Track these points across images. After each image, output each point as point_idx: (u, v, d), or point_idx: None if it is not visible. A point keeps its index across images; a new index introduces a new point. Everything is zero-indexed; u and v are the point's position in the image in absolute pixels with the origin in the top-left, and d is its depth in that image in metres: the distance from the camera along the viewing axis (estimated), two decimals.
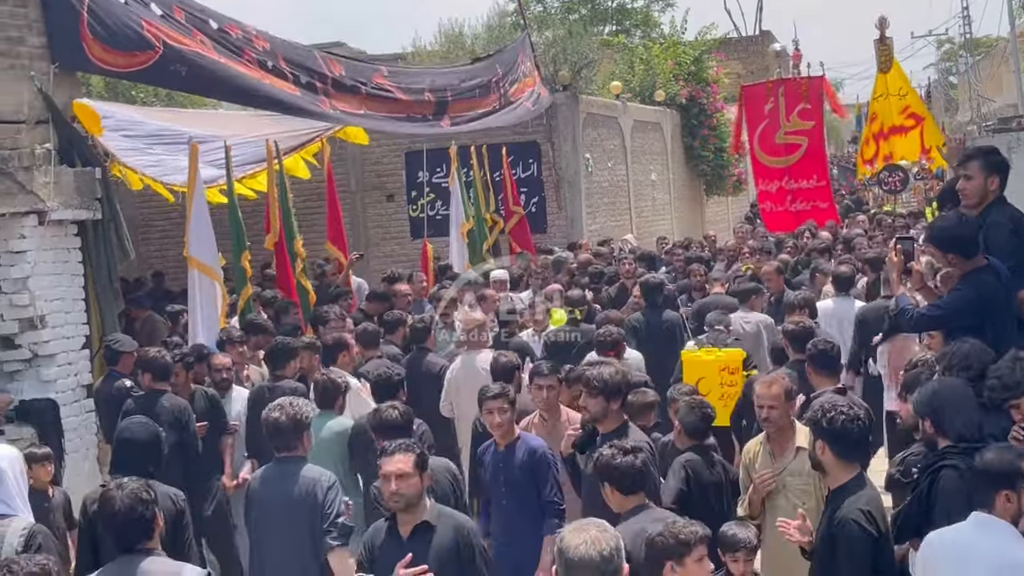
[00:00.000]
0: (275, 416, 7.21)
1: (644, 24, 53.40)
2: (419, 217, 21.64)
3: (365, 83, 15.43)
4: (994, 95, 51.27)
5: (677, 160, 30.45)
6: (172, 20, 12.08)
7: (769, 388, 7.37)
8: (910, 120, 22.44)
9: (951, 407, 5.92)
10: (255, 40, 13.44)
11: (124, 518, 5.57)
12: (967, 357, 6.46)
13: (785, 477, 7.19)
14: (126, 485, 5.67)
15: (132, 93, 23.74)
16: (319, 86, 14.39)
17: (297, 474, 7.15)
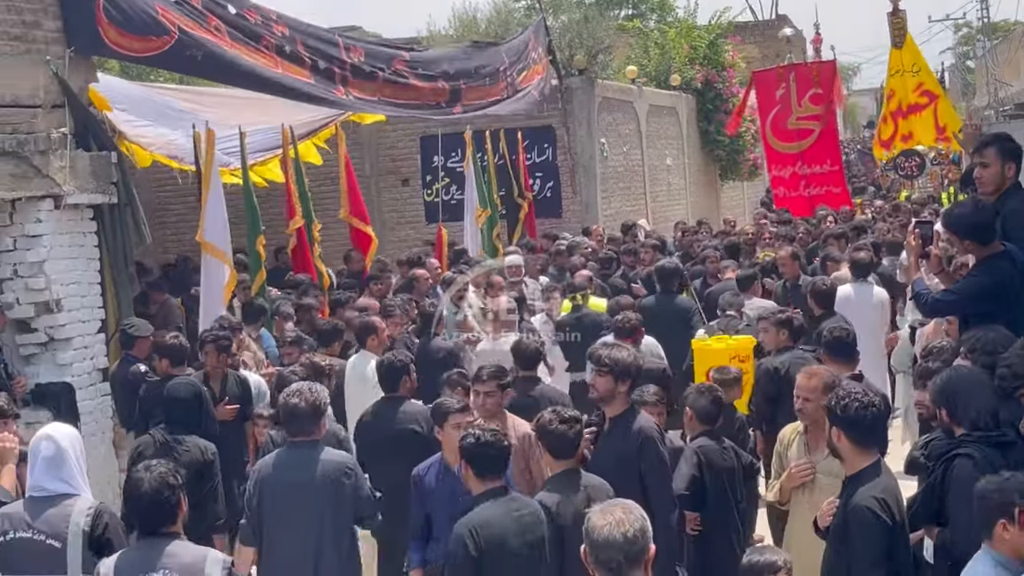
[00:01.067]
0: (294, 401, 7.23)
1: (660, 8, 53.27)
2: (434, 201, 21.65)
3: (384, 68, 15.41)
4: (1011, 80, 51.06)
5: (692, 145, 30.38)
6: (187, 6, 12.05)
7: (809, 380, 7.24)
8: (923, 98, 22.38)
9: (964, 395, 5.90)
10: (275, 25, 13.41)
11: (150, 500, 5.60)
12: (992, 342, 6.46)
13: (817, 473, 7.11)
14: (154, 468, 5.70)
15: (152, 78, 23.72)
16: (337, 72, 14.36)
17: (317, 458, 7.17)
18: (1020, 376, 5.96)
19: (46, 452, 6.20)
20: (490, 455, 6.29)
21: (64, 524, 6.05)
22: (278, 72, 13.31)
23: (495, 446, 6.30)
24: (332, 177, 18.08)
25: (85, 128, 11.58)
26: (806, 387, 7.17)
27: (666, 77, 29.06)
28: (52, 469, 6.17)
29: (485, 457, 6.27)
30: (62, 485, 6.16)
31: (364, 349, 10.43)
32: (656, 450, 7.29)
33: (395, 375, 8.80)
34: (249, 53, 12.79)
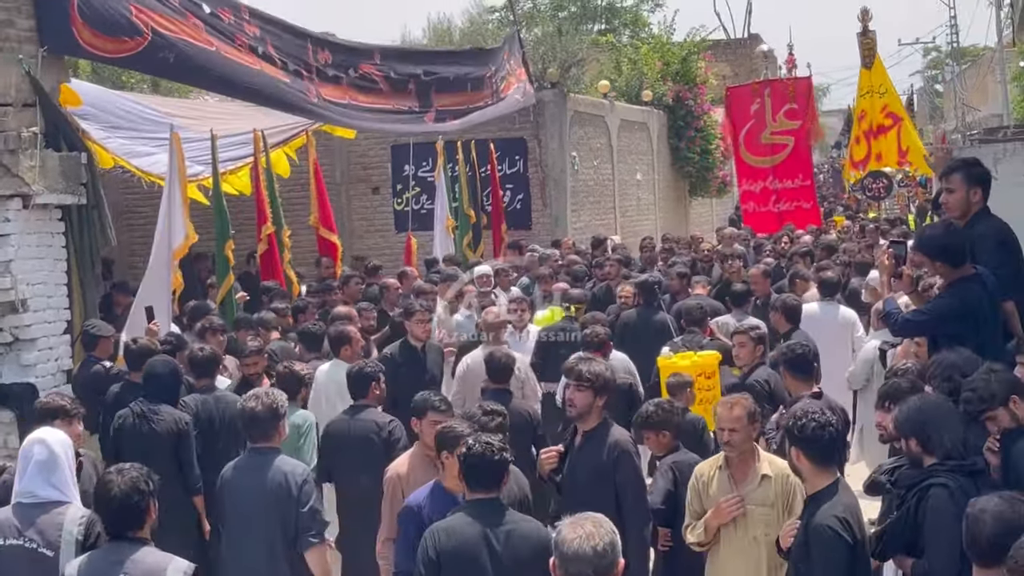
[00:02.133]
0: (251, 406, 7.20)
1: (633, 24, 53.49)
2: (404, 210, 21.64)
3: (348, 72, 15.40)
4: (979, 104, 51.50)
5: (663, 160, 30.47)
6: (166, 3, 12.00)
7: (730, 410, 6.92)
8: (888, 120, 22.64)
9: (937, 425, 5.85)
10: (246, 25, 13.39)
11: (119, 504, 5.56)
12: (950, 367, 6.49)
13: (747, 505, 6.81)
14: (127, 472, 5.65)
15: (122, 79, 23.62)
16: (304, 75, 14.39)
17: (271, 465, 7.12)
18: (986, 400, 5.98)
19: (39, 457, 6.12)
20: (482, 466, 6.07)
21: (56, 532, 5.98)
22: (256, 69, 13.25)
23: (487, 458, 6.07)
24: (302, 183, 18.03)
25: (56, 128, 11.52)
26: (729, 418, 6.88)
27: (638, 93, 29.13)
28: (44, 474, 6.10)
29: (477, 468, 6.08)
30: (54, 492, 6.10)
31: (338, 358, 10.37)
32: (632, 464, 7.26)
33: (363, 382, 8.77)
34: (228, 50, 12.75)
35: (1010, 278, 7.48)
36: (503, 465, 6.13)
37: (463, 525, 5.99)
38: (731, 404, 6.98)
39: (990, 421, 6.02)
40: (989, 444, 6.03)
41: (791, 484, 6.71)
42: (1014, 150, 9.04)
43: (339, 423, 8.78)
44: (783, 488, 6.77)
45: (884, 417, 7.03)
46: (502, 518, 6.02)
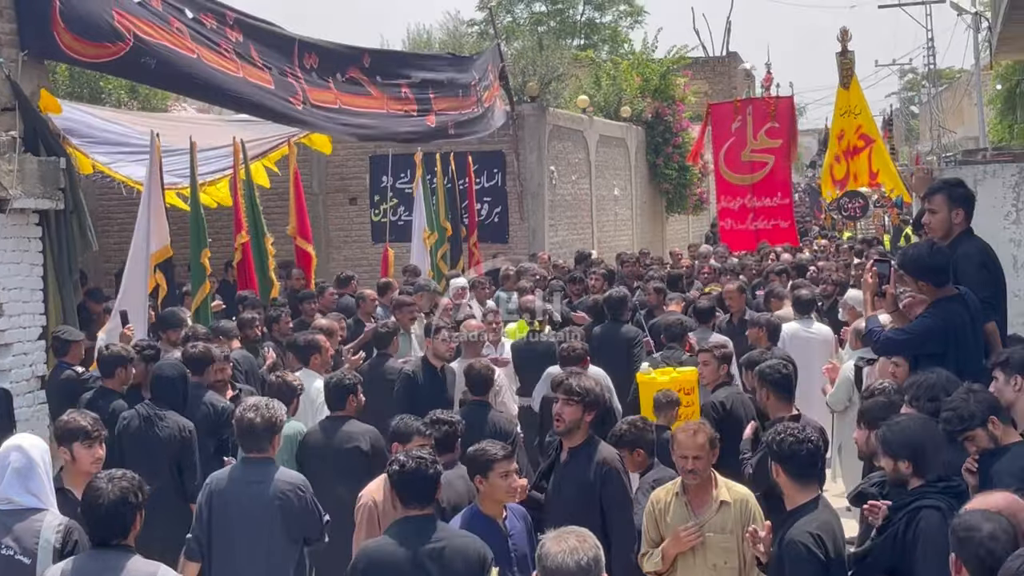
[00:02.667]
0: (250, 417, 7.15)
1: (612, 40, 53.75)
2: (381, 222, 21.61)
3: (336, 75, 15.35)
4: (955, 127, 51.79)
5: (640, 176, 30.56)
6: (148, 8, 11.95)
7: (693, 437, 6.76)
8: (861, 141, 22.79)
9: (931, 447, 5.83)
10: (228, 30, 13.35)
11: (107, 512, 5.51)
12: (933, 388, 6.50)
13: (706, 532, 6.67)
14: (117, 481, 5.60)
15: (100, 84, 23.52)
16: (291, 79, 14.34)
17: (270, 476, 7.08)
18: (965, 419, 5.99)
19: (16, 463, 6.08)
20: (416, 483, 6.04)
21: (34, 539, 5.94)
22: (238, 76, 13.20)
23: (420, 474, 6.04)
24: (280, 193, 18.02)
25: (35, 132, 11.46)
26: (693, 445, 6.72)
27: (617, 108, 29.23)
28: (22, 481, 6.06)
29: (410, 485, 6.04)
30: (31, 499, 6.05)
31: (307, 368, 10.32)
32: (620, 482, 7.23)
33: (341, 393, 8.72)
34: (211, 57, 12.70)
35: (991, 300, 7.52)
36: (436, 479, 6.12)
37: (392, 546, 5.94)
38: (694, 431, 6.83)
39: (969, 441, 6.02)
40: (968, 464, 6.04)
41: (750, 510, 6.68)
42: (993, 172, 9.08)
43: (316, 434, 8.74)
44: (742, 514, 6.68)
45: (862, 435, 7.03)
46: (435, 534, 5.99)
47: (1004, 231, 8.84)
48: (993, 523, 4.62)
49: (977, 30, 40.54)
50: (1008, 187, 8.95)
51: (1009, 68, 38.22)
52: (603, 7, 56.41)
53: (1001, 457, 5.92)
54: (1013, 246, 8.84)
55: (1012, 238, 8.86)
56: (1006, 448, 5.96)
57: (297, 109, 14.52)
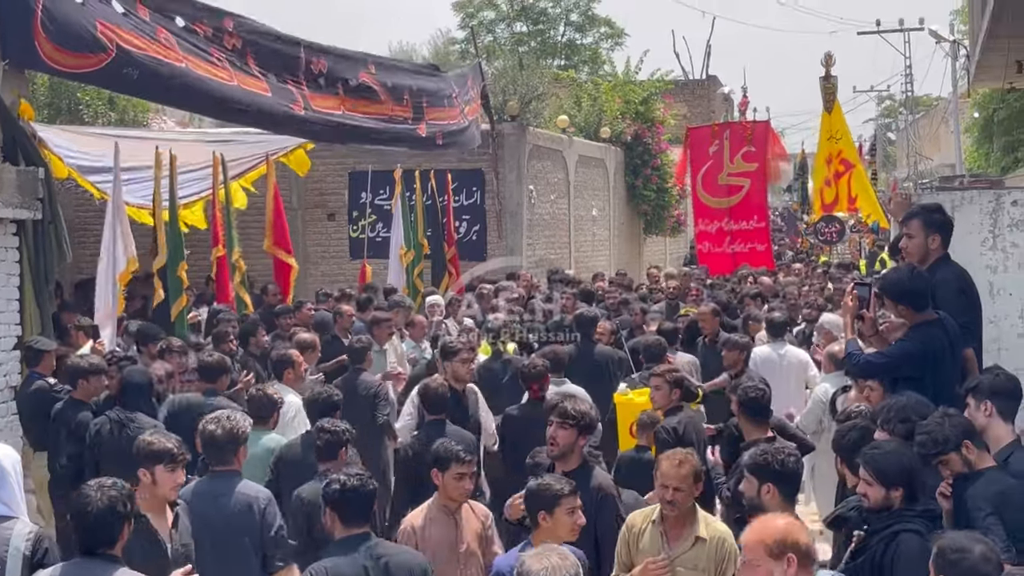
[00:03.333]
0: (211, 429, 7.16)
1: (592, 61, 53.95)
2: (359, 238, 21.60)
3: (347, 80, 15.28)
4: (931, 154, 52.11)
5: (619, 197, 30.64)
6: (134, 18, 11.87)
7: (678, 468, 6.49)
8: (841, 166, 22.94)
9: (919, 474, 5.87)
10: (226, 39, 13.25)
11: (95, 520, 5.48)
12: (904, 410, 6.52)
13: (676, 567, 6.44)
14: (106, 490, 5.55)
15: (78, 96, 23.44)
16: (292, 89, 14.24)
17: (233, 489, 7.08)
18: (939, 443, 6.02)
19: None
20: (357, 501, 6.03)
21: (3, 547, 5.90)
22: (233, 84, 13.11)
23: (361, 491, 6.04)
24: (259, 207, 18.00)
25: (14, 141, 11.42)
26: (676, 476, 6.47)
27: (596, 129, 29.32)
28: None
29: (352, 503, 6.02)
30: (1, 507, 6.02)
31: (280, 383, 10.27)
32: (615, 508, 7.19)
33: (326, 410, 8.63)
34: (200, 65, 12.63)
35: (970, 326, 7.56)
36: (374, 496, 6.14)
37: (344, 563, 5.94)
38: (679, 461, 6.56)
39: (942, 465, 6.05)
40: (942, 488, 6.07)
41: (726, 550, 6.51)
42: (970, 198, 9.13)
43: (295, 448, 8.67)
44: (717, 553, 6.51)
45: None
46: (378, 549, 6.03)
47: (981, 257, 8.88)
48: (983, 545, 4.65)
49: (955, 58, 40.85)
50: (985, 213, 9.00)
51: (986, 97, 38.48)
52: (584, 29, 56.70)
53: (975, 482, 5.96)
54: (989, 272, 8.89)
55: (988, 264, 8.91)
56: (980, 473, 6.00)
57: (298, 114, 14.38)
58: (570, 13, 56.84)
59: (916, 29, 53.38)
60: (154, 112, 26.14)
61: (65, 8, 11.26)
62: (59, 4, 11.21)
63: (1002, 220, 9.00)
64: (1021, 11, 16.43)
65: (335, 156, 21.92)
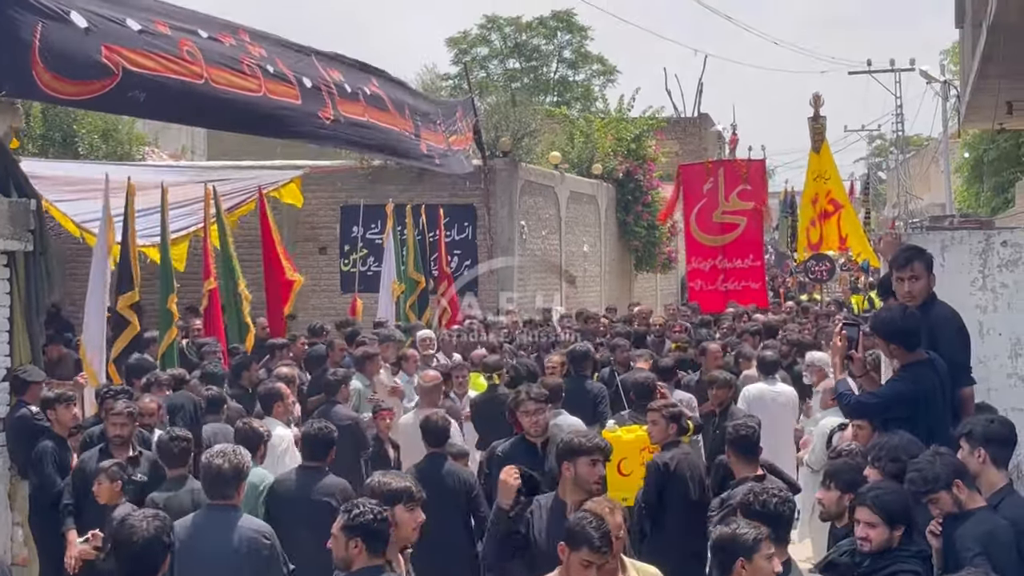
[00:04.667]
0: (218, 463, 7.08)
1: (585, 98, 54.22)
2: (351, 272, 21.62)
3: (363, 90, 15.28)
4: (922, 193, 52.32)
5: (610, 234, 30.71)
6: (151, 33, 11.73)
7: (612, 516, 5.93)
8: (831, 206, 23.03)
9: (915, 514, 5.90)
10: (249, 47, 13.19)
11: (141, 550, 5.52)
12: (895, 449, 6.54)
13: None
14: (152, 520, 5.60)
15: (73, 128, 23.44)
16: (323, 90, 14.14)
17: (235, 524, 7.02)
18: (930, 481, 6.04)
19: None
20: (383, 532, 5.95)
21: None
22: (260, 95, 13.00)
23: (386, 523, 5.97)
24: (251, 240, 18.03)
25: (6, 172, 11.37)
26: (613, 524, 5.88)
27: (589, 165, 29.42)
28: None
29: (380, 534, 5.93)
30: None
31: (269, 416, 10.24)
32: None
33: (322, 445, 8.61)
34: (227, 77, 12.54)
35: (968, 364, 7.58)
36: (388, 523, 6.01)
37: None
38: (609, 508, 6.01)
39: (933, 504, 6.07)
40: (932, 527, 6.08)
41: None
42: (960, 239, 9.15)
43: (289, 482, 8.63)
44: None
45: (825, 495, 7.03)
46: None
47: (971, 297, 8.89)
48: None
49: (946, 98, 41.10)
50: (975, 254, 9.01)
51: (976, 137, 38.73)
52: (576, 66, 57.11)
53: (965, 521, 5.98)
54: (979, 312, 8.89)
55: (978, 304, 8.92)
56: (970, 513, 6.02)
57: (324, 124, 14.23)
58: (563, 50, 57.30)
59: (907, 69, 53.87)
60: (149, 146, 26.21)
61: (66, 36, 11.15)
62: (59, 33, 11.10)
63: (992, 260, 9.01)
64: (1011, 53, 16.56)
65: (327, 190, 22.01)
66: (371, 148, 16.37)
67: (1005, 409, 8.51)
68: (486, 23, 57.07)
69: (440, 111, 19.31)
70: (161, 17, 11.96)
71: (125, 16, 11.36)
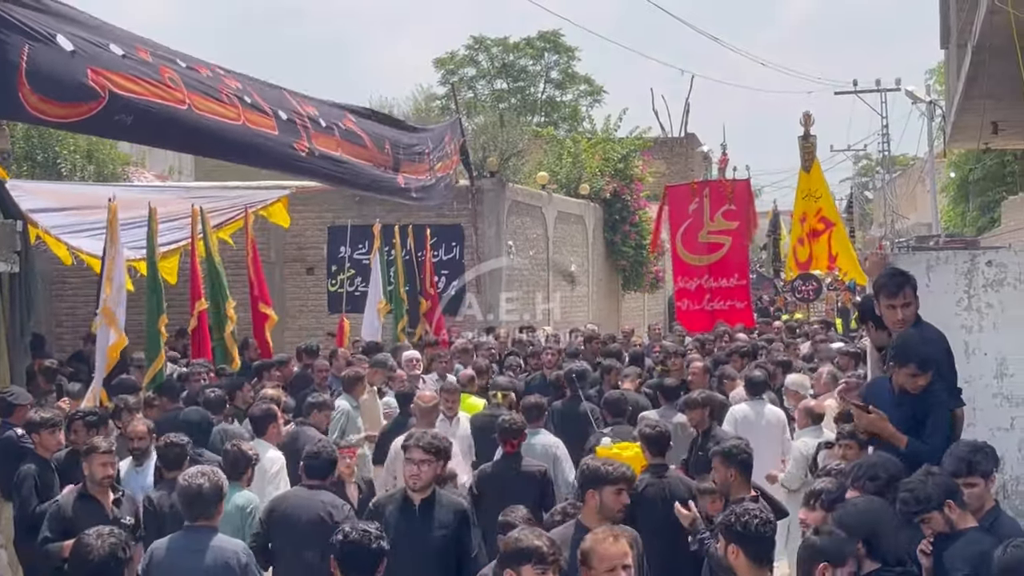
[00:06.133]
0: (199, 483, 7.07)
1: (572, 118, 54.34)
2: (338, 292, 21.62)
3: (338, 125, 15.29)
4: (908, 213, 52.48)
5: (597, 253, 30.74)
6: (134, 59, 11.73)
7: (616, 544, 5.64)
8: (821, 224, 23.09)
9: (886, 529, 5.84)
10: (224, 78, 13.22)
11: (96, 568, 5.50)
12: (874, 467, 6.54)
13: None
14: (106, 537, 5.58)
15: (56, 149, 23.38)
16: (298, 123, 14.17)
17: (209, 544, 6.98)
18: (921, 501, 6.03)
19: None
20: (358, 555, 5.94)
21: None
22: (239, 123, 13.01)
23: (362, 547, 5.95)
24: (237, 260, 18.00)
25: None
26: (620, 553, 5.60)
27: (576, 185, 29.48)
28: None
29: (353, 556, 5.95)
30: None
31: (262, 438, 10.20)
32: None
33: (324, 464, 8.57)
34: (208, 105, 12.54)
35: (955, 384, 7.55)
36: (380, 554, 6.00)
37: None
38: (615, 537, 5.73)
39: (924, 523, 6.07)
40: (923, 546, 6.07)
41: None
42: (945, 259, 9.17)
43: (287, 502, 8.50)
44: None
45: (809, 515, 7.01)
46: None
47: (956, 317, 8.90)
48: None
49: (931, 118, 41.25)
50: (960, 274, 9.03)
51: (962, 157, 38.88)
52: (564, 86, 57.25)
53: (956, 541, 5.98)
54: (965, 332, 8.91)
55: (964, 324, 8.93)
56: (961, 533, 6.01)
57: (301, 156, 14.25)
58: (550, 71, 57.43)
59: (893, 89, 54.03)
60: (134, 166, 26.16)
61: (52, 58, 11.14)
62: (45, 55, 11.09)
63: (977, 280, 9.03)
64: (996, 73, 16.63)
65: (314, 210, 22.00)
66: (345, 182, 16.36)
67: (991, 429, 8.53)
68: (473, 44, 57.24)
69: (428, 139, 19.32)
70: (142, 45, 12.00)
71: (108, 42, 11.36)
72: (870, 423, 7.17)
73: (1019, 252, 9.44)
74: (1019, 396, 8.88)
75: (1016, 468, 8.64)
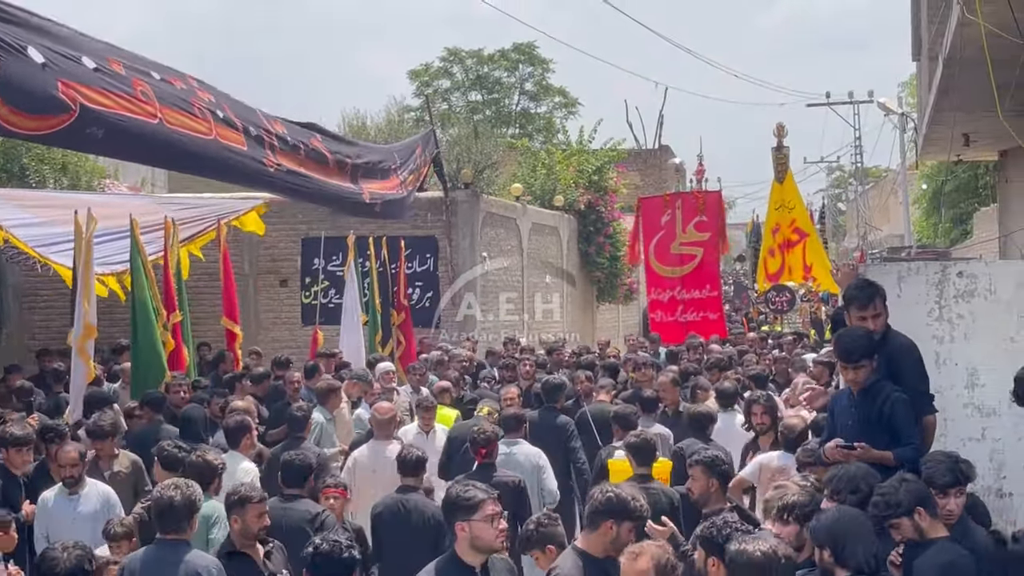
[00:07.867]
0: (170, 495, 7.01)
1: (547, 130, 54.45)
2: (312, 304, 21.55)
3: (304, 144, 15.31)
4: (881, 224, 52.74)
5: (572, 265, 30.76)
6: (106, 72, 11.69)
7: (635, 562, 5.62)
8: (795, 235, 23.20)
9: (853, 537, 5.84)
10: (198, 91, 13.20)
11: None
12: (853, 479, 6.56)
13: None
14: (72, 550, 5.64)
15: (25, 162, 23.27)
16: (266, 140, 14.18)
17: (181, 559, 6.91)
18: (891, 506, 6.05)
19: None
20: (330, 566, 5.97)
21: None
22: (211, 138, 13.00)
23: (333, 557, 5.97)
24: (210, 273, 17.96)
25: None
26: (633, 571, 5.62)
27: (551, 197, 29.51)
28: None
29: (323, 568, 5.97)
30: None
31: (235, 450, 10.17)
32: None
33: (301, 473, 8.64)
34: (179, 118, 12.50)
35: (927, 392, 7.58)
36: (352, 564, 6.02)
37: None
38: (636, 554, 5.71)
39: (894, 529, 6.08)
40: (892, 557, 6.09)
41: None
42: (917, 269, 9.24)
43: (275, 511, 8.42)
44: None
45: (782, 529, 6.97)
46: None
47: (927, 327, 8.98)
48: None
49: (903, 130, 41.47)
50: (931, 284, 9.11)
51: (934, 168, 39.09)
52: (538, 98, 57.40)
53: (926, 550, 5.99)
54: (936, 342, 8.98)
55: (935, 335, 9.01)
56: (932, 542, 6.03)
57: (269, 171, 14.27)
58: (524, 83, 57.57)
59: (865, 101, 54.39)
60: (109, 178, 26.07)
61: (23, 70, 11.05)
62: (16, 66, 11.00)
63: (948, 291, 9.10)
64: (967, 85, 16.73)
65: (288, 222, 21.94)
66: (311, 197, 16.35)
67: (962, 439, 8.59)
68: (448, 56, 57.34)
69: (396, 155, 19.28)
70: (115, 56, 11.94)
71: (80, 54, 11.28)
72: (859, 459, 7.17)
73: (990, 263, 9.55)
74: (990, 406, 8.95)
75: (987, 478, 8.70)
